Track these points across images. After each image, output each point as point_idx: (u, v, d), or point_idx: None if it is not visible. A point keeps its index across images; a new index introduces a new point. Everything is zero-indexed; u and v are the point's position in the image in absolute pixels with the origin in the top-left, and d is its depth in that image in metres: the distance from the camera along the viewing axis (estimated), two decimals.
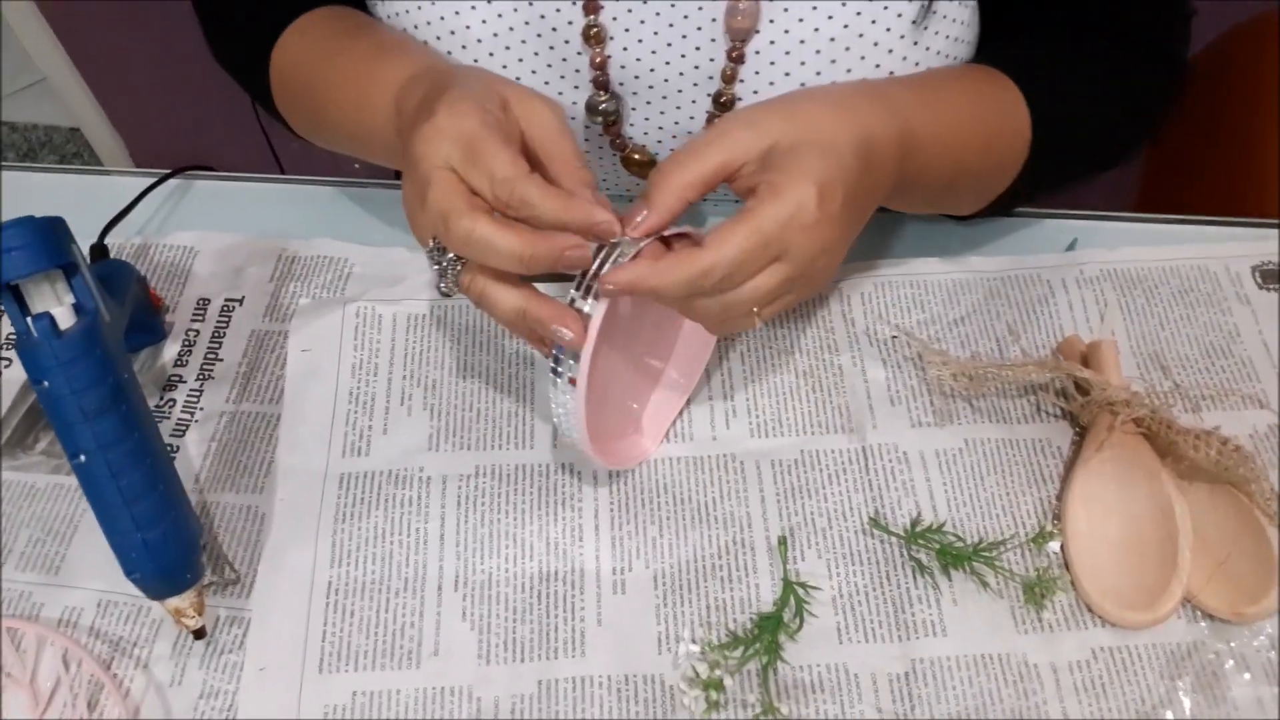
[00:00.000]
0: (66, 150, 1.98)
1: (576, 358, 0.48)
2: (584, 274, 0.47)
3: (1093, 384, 0.57)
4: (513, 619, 0.55)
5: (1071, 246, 0.66)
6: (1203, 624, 0.54)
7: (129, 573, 0.51)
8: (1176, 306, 0.64)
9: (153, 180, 0.71)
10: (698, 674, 0.51)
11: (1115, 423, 0.56)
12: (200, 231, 0.70)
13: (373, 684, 0.53)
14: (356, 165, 0.78)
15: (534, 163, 0.47)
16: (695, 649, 0.50)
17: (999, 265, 0.66)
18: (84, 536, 0.58)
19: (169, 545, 0.51)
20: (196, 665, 0.54)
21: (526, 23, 0.58)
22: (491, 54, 0.59)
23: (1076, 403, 0.58)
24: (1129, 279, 0.65)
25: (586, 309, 0.47)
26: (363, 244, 0.69)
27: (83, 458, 0.49)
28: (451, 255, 0.48)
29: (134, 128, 1.77)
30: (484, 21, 0.58)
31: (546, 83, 0.60)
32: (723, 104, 0.59)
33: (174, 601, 0.52)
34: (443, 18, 0.58)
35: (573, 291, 0.47)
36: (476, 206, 0.45)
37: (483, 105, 0.47)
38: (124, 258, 0.68)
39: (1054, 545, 0.55)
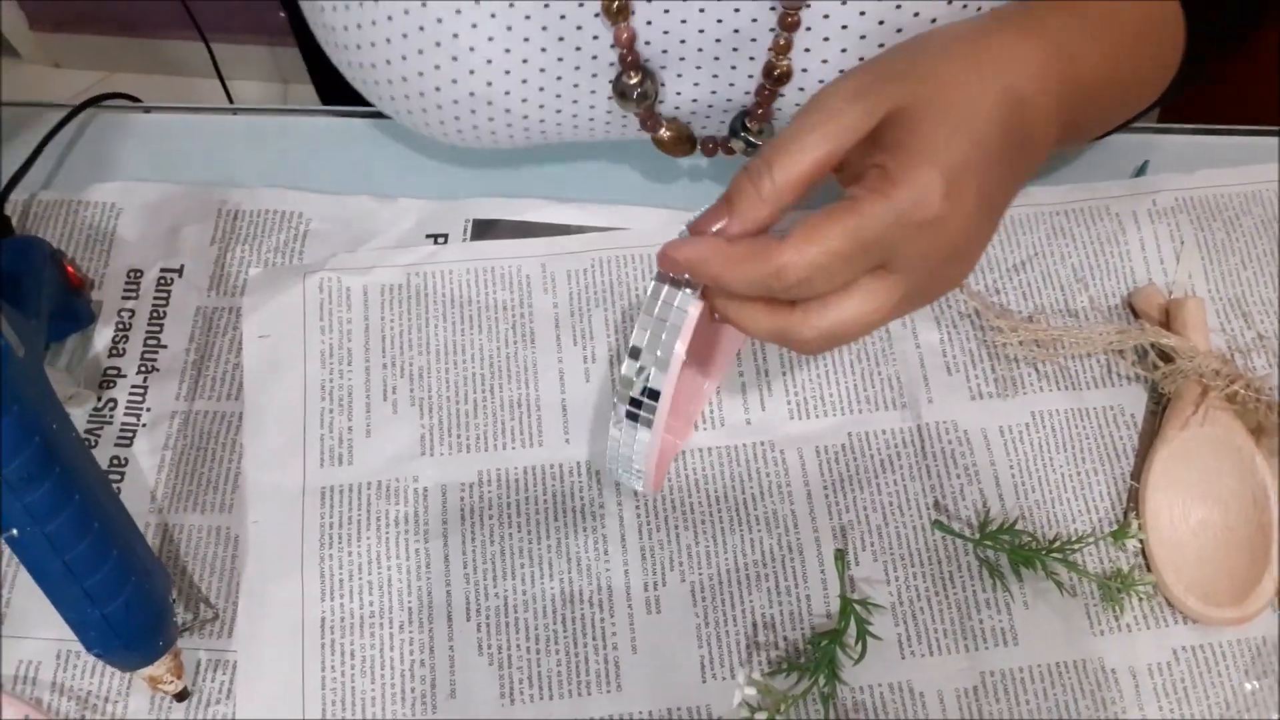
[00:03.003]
0: None
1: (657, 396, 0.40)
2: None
3: (1179, 351, 0.50)
4: (536, 650, 0.49)
5: (1142, 170, 0.58)
6: None
7: (89, 648, 0.43)
8: (1261, 240, 0.56)
9: (59, 118, 0.58)
10: (751, 711, 0.45)
11: (1203, 398, 0.50)
12: (122, 183, 0.58)
13: None
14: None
15: None
16: (752, 691, 0.45)
17: (1061, 196, 0.57)
18: (29, 578, 0.49)
19: (133, 616, 0.43)
20: None
21: (527, 17, 0.47)
22: (490, 62, 0.48)
23: (1159, 371, 0.51)
24: (1207, 208, 0.57)
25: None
26: (317, 191, 0.58)
27: (14, 532, 0.40)
28: None
29: None
30: (492, 17, 0.46)
31: (559, 77, 0.49)
32: (777, 77, 0.48)
33: (148, 670, 0.45)
34: (440, 20, 0.46)
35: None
36: None
37: None
38: (29, 228, 0.56)
39: (1135, 541, 0.49)
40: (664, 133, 0.52)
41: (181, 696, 0.47)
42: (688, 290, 0.39)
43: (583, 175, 0.59)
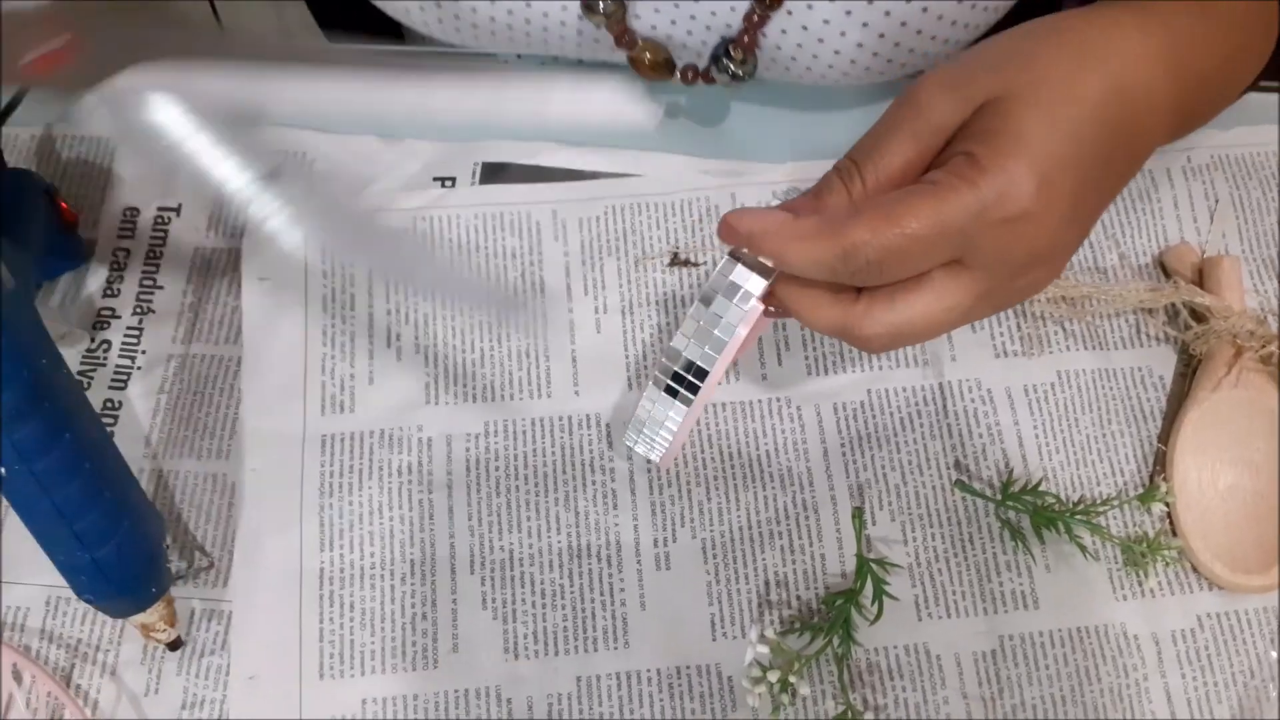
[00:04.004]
0: None
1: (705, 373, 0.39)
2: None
3: (1213, 311, 0.49)
4: (542, 605, 0.47)
5: None
6: None
7: (80, 594, 0.42)
8: None
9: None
10: (763, 670, 0.44)
11: (1236, 359, 0.48)
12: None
13: (385, 689, 0.46)
14: None
15: None
16: (764, 650, 0.43)
17: None
18: (18, 521, 0.48)
19: (126, 561, 0.41)
20: (174, 671, 0.46)
21: None
22: None
23: (1190, 331, 0.50)
24: (1243, 166, 0.55)
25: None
26: (322, 130, 0.56)
27: (2, 471, 0.39)
28: None
29: None
30: None
31: None
32: (769, 1, 0.46)
33: (140, 618, 0.43)
34: None
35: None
36: None
37: None
38: (20, 162, 0.54)
39: (1162, 505, 0.48)
40: (642, 53, 0.50)
41: (174, 646, 0.45)
42: (759, 276, 0.37)
43: (596, 118, 0.56)
